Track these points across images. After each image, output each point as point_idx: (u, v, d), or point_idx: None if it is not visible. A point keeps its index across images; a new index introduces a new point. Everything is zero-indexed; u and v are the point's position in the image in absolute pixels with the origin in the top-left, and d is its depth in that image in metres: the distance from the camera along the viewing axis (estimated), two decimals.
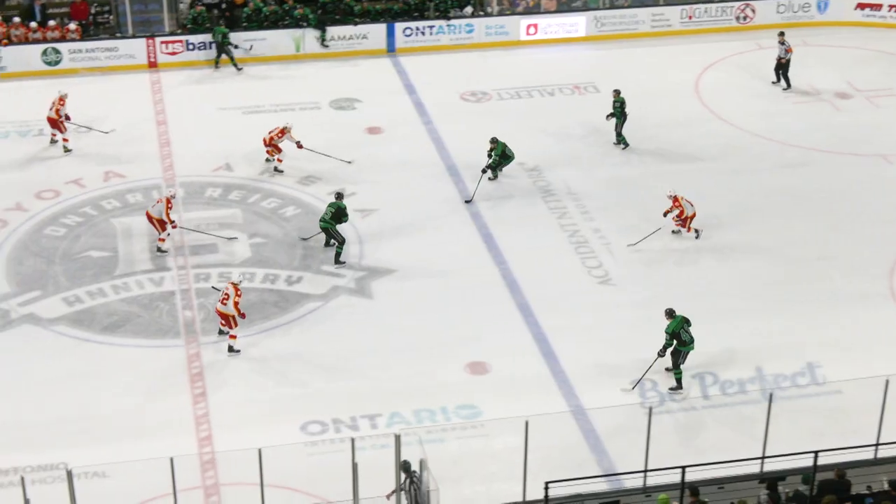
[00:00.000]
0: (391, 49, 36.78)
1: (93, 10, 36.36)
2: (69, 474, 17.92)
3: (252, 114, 33.23)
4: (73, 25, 35.61)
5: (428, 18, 37.05)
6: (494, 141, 29.17)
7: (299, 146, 29.94)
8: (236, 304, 23.61)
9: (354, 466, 18.24)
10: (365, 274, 26.31)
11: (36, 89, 34.17)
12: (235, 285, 23.79)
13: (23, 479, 17.99)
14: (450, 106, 33.83)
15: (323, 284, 25.96)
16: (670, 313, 22.97)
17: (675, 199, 27.06)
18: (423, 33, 37.05)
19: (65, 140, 30.68)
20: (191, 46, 35.73)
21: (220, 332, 24.21)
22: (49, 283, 25.96)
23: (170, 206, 26.51)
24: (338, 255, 26.52)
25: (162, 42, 35.61)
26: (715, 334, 23.98)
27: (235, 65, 35.46)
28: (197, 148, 31.33)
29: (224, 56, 35.37)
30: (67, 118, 30.56)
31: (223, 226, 27.89)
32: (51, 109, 30.39)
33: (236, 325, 23.84)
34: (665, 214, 27.21)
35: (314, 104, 33.80)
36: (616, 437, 21.50)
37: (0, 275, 26.13)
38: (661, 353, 22.81)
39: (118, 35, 35.90)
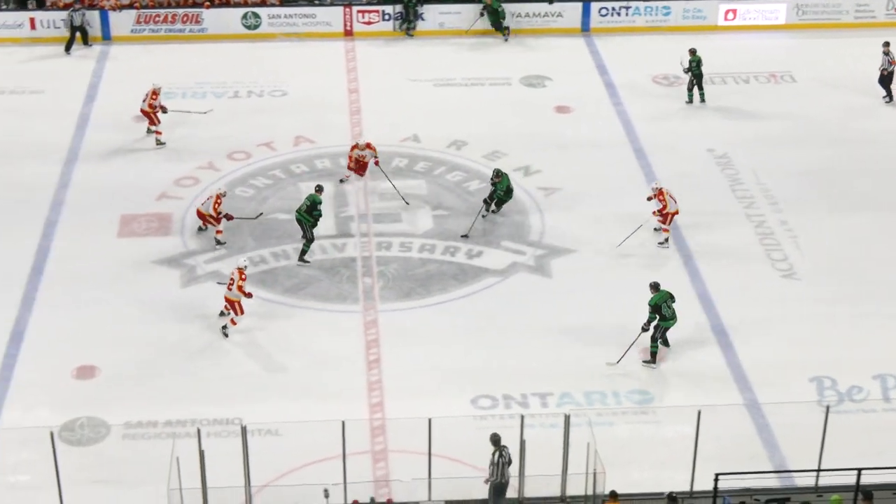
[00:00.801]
0: (585, 28, 36.50)
1: None
2: (243, 430, 18.32)
3: (443, 86, 33.36)
4: None
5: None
6: (499, 174, 26.73)
7: (164, 110, 29.82)
8: (241, 287, 23.46)
9: (522, 443, 18.23)
10: (545, 252, 26.21)
11: (235, 52, 34.97)
12: (241, 270, 23.58)
13: (199, 430, 18.45)
14: (641, 88, 33.42)
15: (503, 260, 25.95)
16: (655, 286, 22.89)
17: (660, 192, 26.29)
18: (618, 14, 36.66)
19: (157, 133, 29.95)
20: (386, 17, 36.04)
21: (221, 314, 23.74)
22: (235, 242, 26.51)
23: (218, 202, 25.89)
24: (303, 252, 25.81)
25: (359, 11, 35.99)
26: None
27: (408, 31, 35.48)
28: (386, 118, 31.60)
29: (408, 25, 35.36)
30: (163, 109, 29.97)
31: (407, 196, 28.08)
32: (144, 101, 29.87)
33: (241, 312, 23.45)
34: (650, 199, 26.54)
35: (505, 80, 33.75)
36: (790, 434, 21.01)
37: (189, 231, 26.80)
38: (645, 328, 22.69)
39: (317, 2, 36.38)
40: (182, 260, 25.90)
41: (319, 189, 26.44)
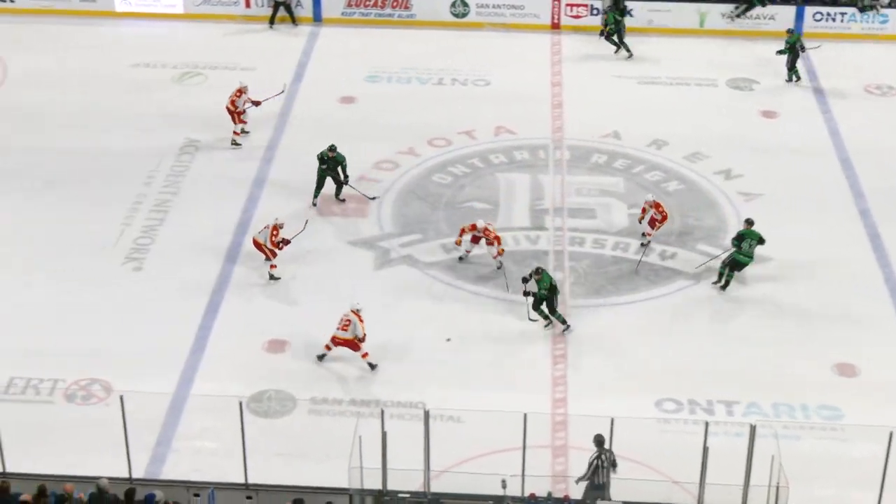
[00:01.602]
0: (797, 32, 35.66)
1: None
2: (426, 414, 18.44)
3: (647, 85, 33.02)
4: None
5: (840, 4, 35.66)
6: (539, 272, 23.58)
7: (256, 104, 29.49)
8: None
9: (705, 451, 17.93)
10: None
11: (442, 39, 35.22)
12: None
13: (382, 411, 18.64)
14: (852, 97, 32.50)
15: (696, 264, 25.56)
16: (749, 222, 24.59)
17: (657, 204, 25.80)
18: (833, 19, 35.72)
19: (235, 133, 29.63)
20: (595, 11, 35.80)
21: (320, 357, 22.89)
22: (430, 228, 26.72)
23: (275, 233, 24.91)
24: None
25: (567, 4, 35.85)
26: None
27: (606, 35, 34.90)
28: (588, 113, 31.41)
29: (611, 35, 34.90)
30: (256, 103, 29.64)
31: (604, 192, 27.92)
32: (229, 100, 29.61)
33: (356, 349, 22.58)
34: (641, 221, 25.99)
35: (711, 81, 33.22)
36: None
37: (386, 215, 27.12)
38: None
39: None
40: (377, 242, 26.21)
41: (332, 149, 27.03)
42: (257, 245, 25.09)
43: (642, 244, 25.89)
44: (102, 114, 31.01)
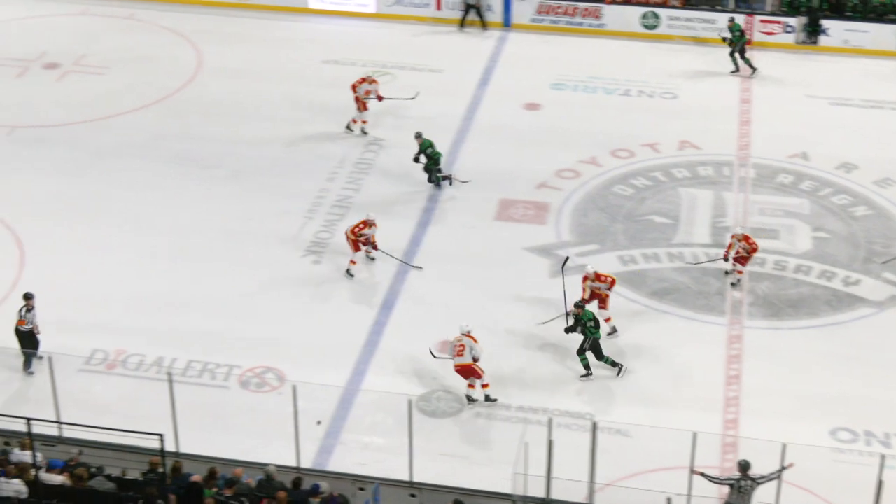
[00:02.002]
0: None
1: None
2: (594, 426, 18.29)
3: (839, 106, 32.22)
4: None
5: None
6: (580, 306, 22.46)
7: (380, 99, 29.88)
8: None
9: (880, 484, 17.42)
10: None
11: (630, 50, 34.97)
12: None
13: (550, 420, 18.54)
14: None
15: (882, 292, 24.85)
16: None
17: (746, 237, 24.60)
18: None
19: (352, 120, 30.13)
20: (788, 29, 35.12)
21: (469, 400, 21.96)
22: (608, 239, 26.53)
23: (361, 227, 24.86)
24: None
25: (761, 20, 35.24)
26: None
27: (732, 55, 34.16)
28: (776, 131, 30.80)
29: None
30: (379, 98, 30.04)
31: (788, 213, 27.35)
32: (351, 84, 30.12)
33: (480, 374, 21.88)
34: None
35: None
36: None
37: (564, 223, 27.00)
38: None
39: (719, 8, 35.83)
40: (553, 250, 26.11)
41: (418, 135, 27.61)
42: (348, 238, 25.16)
43: (732, 284, 24.95)
44: (291, 108, 31.60)
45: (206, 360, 22.75)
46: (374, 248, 25.18)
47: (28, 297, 22.30)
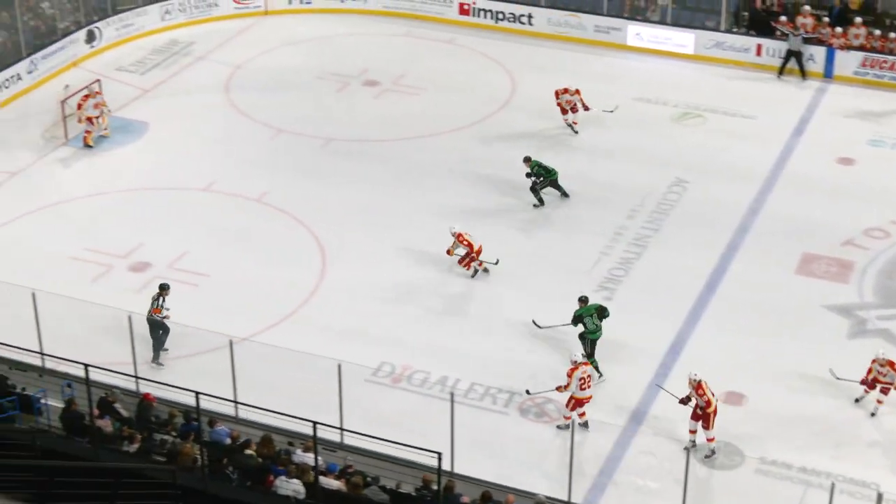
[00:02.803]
0: None
1: None
2: (879, 497, 17.51)
3: None
4: None
5: None
6: (583, 300, 23.85)
7: (586, 108, 31.81)
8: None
9: None
10: None
11: None
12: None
13: (833, 485, 17.93)
14: None
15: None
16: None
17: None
18: None
19: (565, 120, 31.99)
20: None
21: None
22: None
23: (461, 239, 25.90)
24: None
25: None
26: None
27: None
28: None
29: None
30: (585, 108, 31.66)
31: None
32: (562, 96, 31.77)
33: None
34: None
35: None
36: None
37: (868, 284, 26.02)
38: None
39: None
40: (854, 311, 25.20)
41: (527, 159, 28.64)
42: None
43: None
44: (599, 142, 31.60)
45: (489, 385, 22.97)
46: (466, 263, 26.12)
47: (164, 287, 23.32)
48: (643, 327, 24.65)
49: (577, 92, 31.66)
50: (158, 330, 23.30)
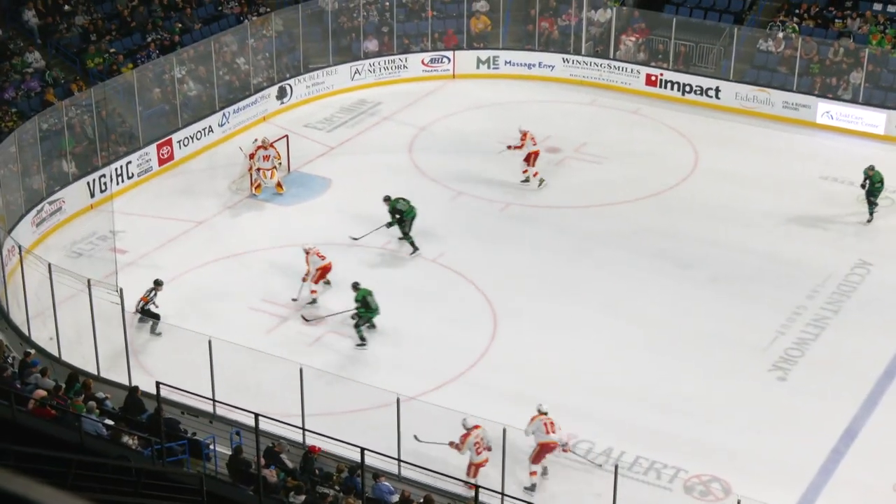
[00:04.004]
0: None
1: None
2: None
3: None
4: None
5: None
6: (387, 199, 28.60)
7: None
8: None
9: None
10: None
11: None
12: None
13: None
14: None
15: None
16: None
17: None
18: None
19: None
20: None
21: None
22: None
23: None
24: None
25: None
26: None
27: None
28: None
29: None
30: None
31: None
32: None
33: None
34: None
35: None
36: None
37: None
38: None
39: None
40: None
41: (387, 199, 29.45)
42: None
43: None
44: (783, 219, 31.04)
45: (654, 459, 22.62)
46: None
47: (158, 283, 26.52)
48: (816, 409, 24.02)
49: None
50: (149, 320, 26.29)
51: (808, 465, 22.49)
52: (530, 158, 32.35)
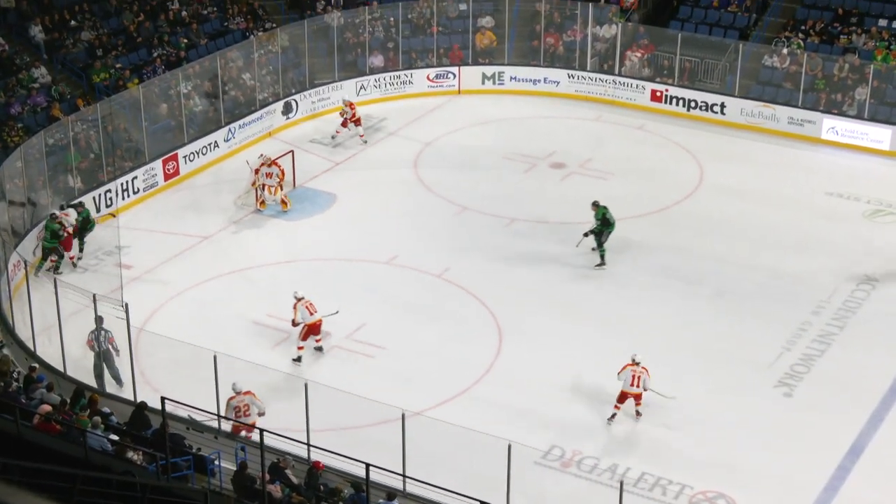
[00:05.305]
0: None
1: None
2: None
3: None
4: None
5: None
6: (595, 205, 29.26)
7: None
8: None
9: None
10: None
11: None
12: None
13: None
14: None
15: None
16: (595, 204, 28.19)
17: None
18: None
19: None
20: None
21: None
22: None
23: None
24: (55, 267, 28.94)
25: None
26: None
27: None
28: None
29: None
30: None
31: None
32: None
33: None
34: None
35: None
36: None
37: None
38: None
39: None
40: None
41: (53, 217, 28.88)
42: None
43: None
44: (788, 235, 31.03)
45: (660, 475, 22.58)
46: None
47: (100, 319, 24.37)
48: (822, 426, 23.99)
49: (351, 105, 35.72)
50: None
51: (814, 482, 22.44)
52: (347, 123, 35.41)
